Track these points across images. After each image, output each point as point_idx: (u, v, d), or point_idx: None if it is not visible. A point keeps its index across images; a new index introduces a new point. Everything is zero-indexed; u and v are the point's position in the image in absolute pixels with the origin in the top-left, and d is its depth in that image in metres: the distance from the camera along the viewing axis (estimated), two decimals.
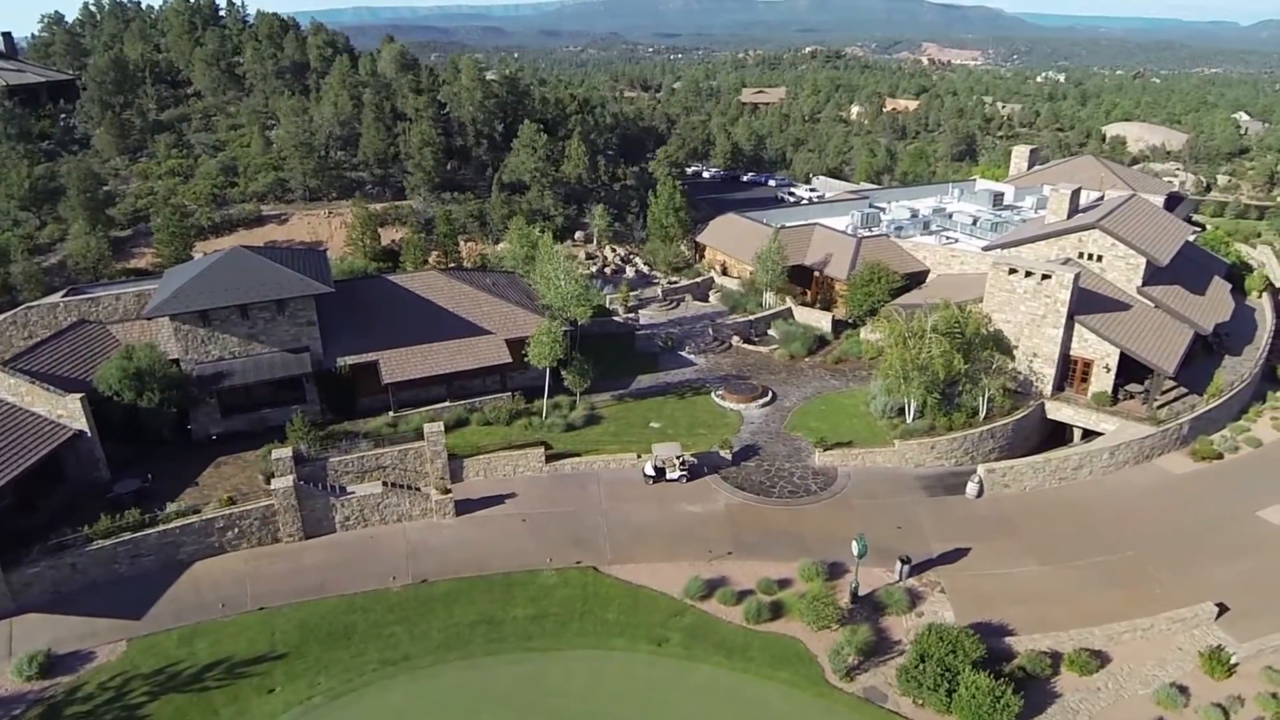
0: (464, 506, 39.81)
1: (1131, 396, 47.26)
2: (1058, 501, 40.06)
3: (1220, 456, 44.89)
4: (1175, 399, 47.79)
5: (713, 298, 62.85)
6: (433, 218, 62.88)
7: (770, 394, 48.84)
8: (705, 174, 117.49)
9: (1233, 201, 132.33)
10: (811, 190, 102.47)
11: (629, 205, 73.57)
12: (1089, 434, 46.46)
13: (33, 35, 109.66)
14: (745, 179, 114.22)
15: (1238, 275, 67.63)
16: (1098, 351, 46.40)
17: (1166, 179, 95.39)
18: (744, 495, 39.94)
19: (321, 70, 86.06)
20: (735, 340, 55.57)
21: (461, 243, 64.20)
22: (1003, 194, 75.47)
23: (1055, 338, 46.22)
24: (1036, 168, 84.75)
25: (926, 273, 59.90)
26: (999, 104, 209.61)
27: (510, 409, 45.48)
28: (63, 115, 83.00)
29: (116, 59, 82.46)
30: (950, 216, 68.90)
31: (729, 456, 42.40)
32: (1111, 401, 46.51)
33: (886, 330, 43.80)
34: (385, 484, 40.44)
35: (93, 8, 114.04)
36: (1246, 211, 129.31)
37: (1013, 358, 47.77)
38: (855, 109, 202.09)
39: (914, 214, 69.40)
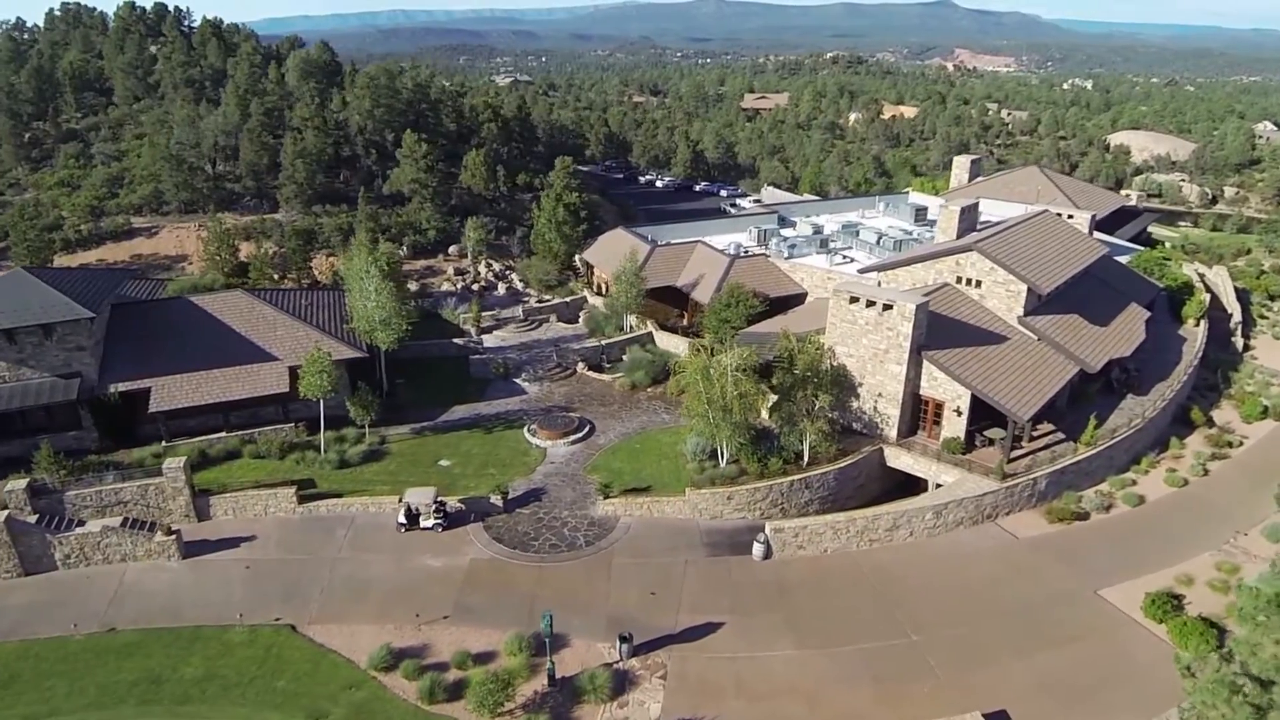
0: (197, 548, 36.22)
1: (991, 443, 41.60)
2: (859, 568, 34.65)
3: (1085, 517, 39.00)
4: (1045, 447, 41.92)
5: (582, 319, 58.39)
6: (299, 231, 59.58)
7: (587, 429, 44.25)
8: (659, 183, 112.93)
9: (1235, 214, 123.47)
10: (756, 201, 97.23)
11: (521, 218, 69.51)
12: None
13: None
14: (698, 189, 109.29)
15: (1178, 300, 61.11)
16: (948, 392, 40.77)
17: (1124, 192, 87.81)
18: (498, 549, 35.36)
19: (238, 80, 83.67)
20: (581, 367, 51.04)
21: (324, 257, 60.86)
22: (926, 208, 69.66)
23: (899, 375, 40.75)
24: (978, 179, 78.67)
25: (804, 296, 54.70)
26: (1004, 111, 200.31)
27: (284, 442, 41.73)
28: None
29: (38, 68, 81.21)
30: (857, 233, 63.49)
31: (500, 503, 37.99)
32: (964, 449, 40.88)
33: (687, 365, 38.93)
34: (126, 521, 37.44)
35: (58, 13, 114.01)
36: (1249, 225, 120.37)
37: (857, 396, 42.50)
38: (853, 115, 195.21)
39: (817, 230, 64.08)
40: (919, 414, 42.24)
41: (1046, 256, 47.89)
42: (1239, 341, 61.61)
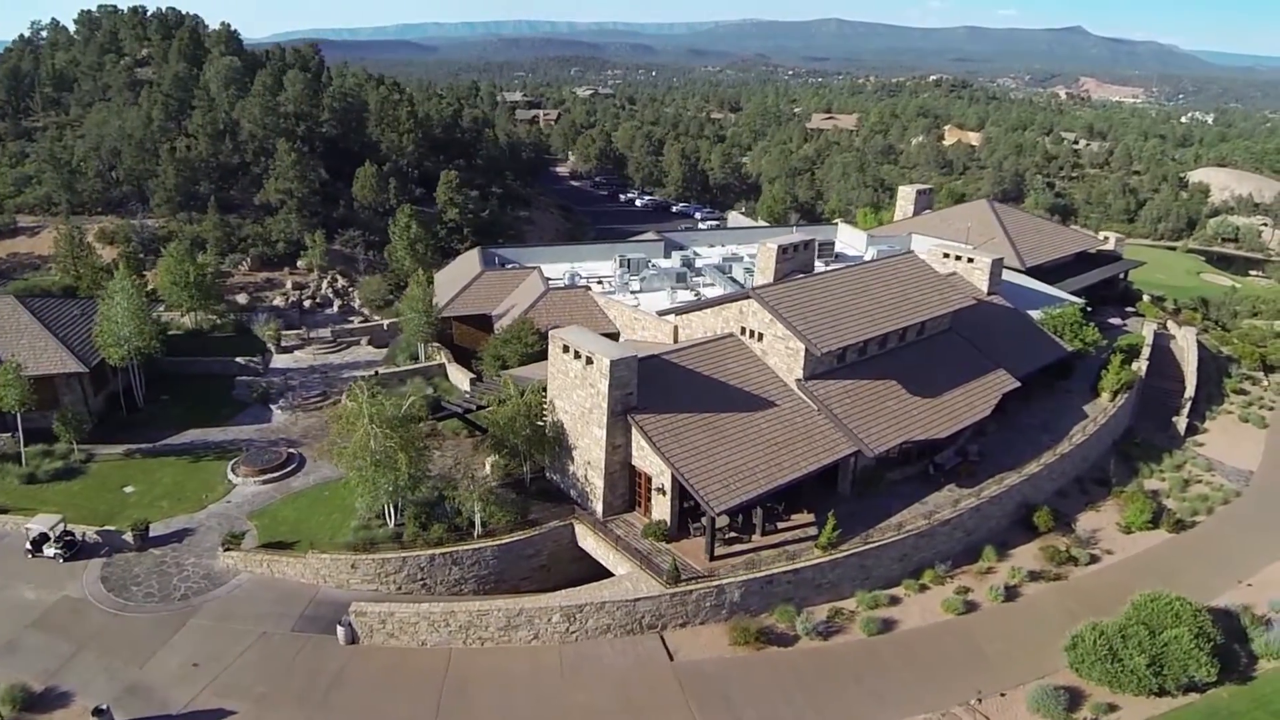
0: None
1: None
2: (442, 673, 28.78)
3: (789, 641, 31.24)
4: (784, 544, 34.32)
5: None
6: (154, 237, 58.96)
7: (291, 468, 40.33)
8: (637, 202, 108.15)
9: None
10: (717, 225, 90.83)
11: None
12: None
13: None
14: (675, 209, 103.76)
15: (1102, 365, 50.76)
16: (654, 466, 34.21)
17: (1102, 235, 73.40)
18: (94, 589, 32.63)
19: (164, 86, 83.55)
20: (345, 398, 47.04)
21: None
22: (833, 243, 61.73)
23: (601, 440, 34.54)
24: (926, 212, 69.53)
25: (616, 335, 48.63)
26: (1081, 142, 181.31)
27: None
28: None
29: (14, 68, 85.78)
30: (730, 268, 56.58)
31: (132, 540, 34.77)
32: (672, 535, 34.15)
33: (341, 413, 34.42)
34: None
35: (94, 13, 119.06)
36: None
37: (572, 460, 36.53)
38: (914, 140, 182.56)
39: (686, 262, 57.64)
40: (633, 488, 35.79)
41: (855, 310, 39.89)
42: (1182, 422, 50.57)
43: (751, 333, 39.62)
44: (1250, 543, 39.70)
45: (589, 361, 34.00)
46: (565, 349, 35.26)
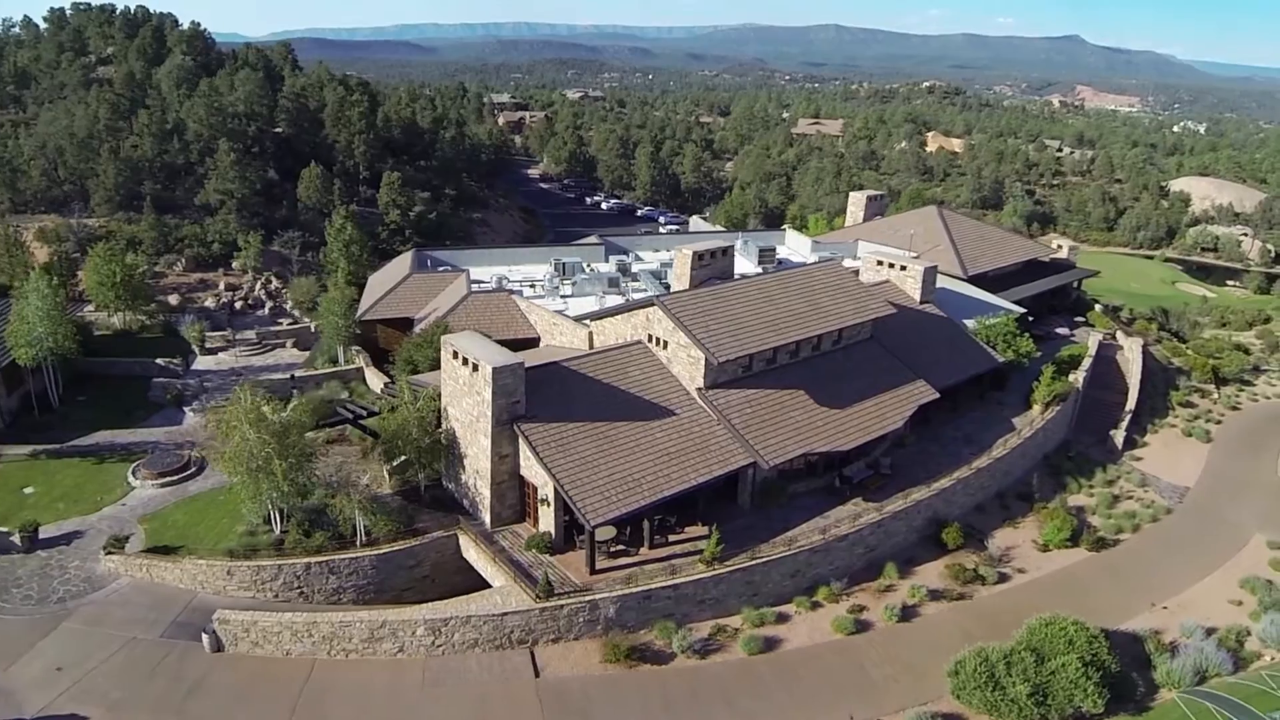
0: None
1: (601, 545, 33.88)
2: (301, 684, 28.15)
3: (665, 659, 30.43)
4: (670, 559, 33.60)
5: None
6: (91, 237, 58.48)
7: (191, 471, 39.78)
8: (603, 205, 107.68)
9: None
10: (679, 230, 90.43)
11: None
12: None
13: None
14: (640, 213, 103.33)
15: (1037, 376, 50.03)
16: (538, 477, 33.65)
17: (1054, 244, 72.88)
18: None
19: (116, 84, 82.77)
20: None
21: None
22: (774, 249, 61.19)
23: (486, 448, 33.99)
24: (876, 219, 69.04)
25: (537, 340, 48.14)
26: (1065, 149, 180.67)
27: None
28: None
29: None
30: (664, 274, 55.98)
31: (20, 541, 34.34)
32: (558, 548, 33.57)
33: (213, 416, 33.92)
34: None
35: (67, 11, 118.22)
36: None
37: (464, 469, 35.98)
38: (898, 146, 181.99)
39: (622, 268, 57.08)
40: (523, 499, 35.23)
41: (763, 318, 39.24)
42: (1120, 436, 49.84)
43: (658, 340, 39.06)
44: (1173, 563, 38.60)
45: (475, 368, 33.45)
46: (455, 355, 34.72)
